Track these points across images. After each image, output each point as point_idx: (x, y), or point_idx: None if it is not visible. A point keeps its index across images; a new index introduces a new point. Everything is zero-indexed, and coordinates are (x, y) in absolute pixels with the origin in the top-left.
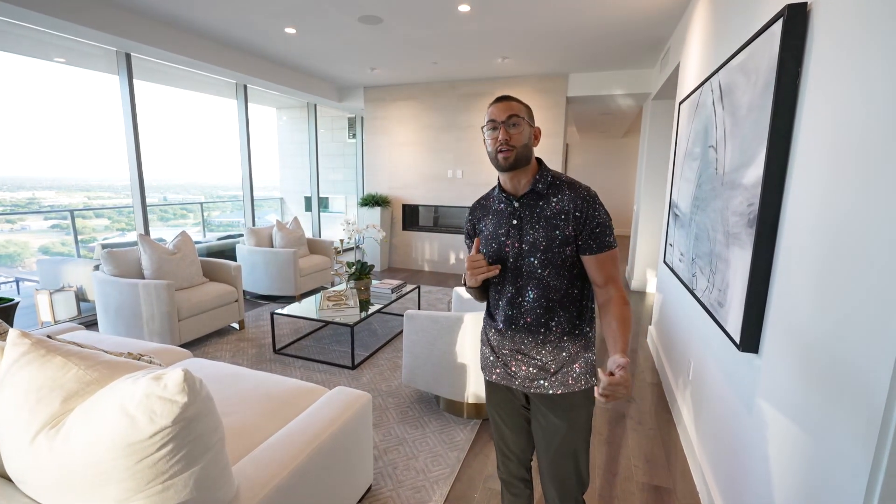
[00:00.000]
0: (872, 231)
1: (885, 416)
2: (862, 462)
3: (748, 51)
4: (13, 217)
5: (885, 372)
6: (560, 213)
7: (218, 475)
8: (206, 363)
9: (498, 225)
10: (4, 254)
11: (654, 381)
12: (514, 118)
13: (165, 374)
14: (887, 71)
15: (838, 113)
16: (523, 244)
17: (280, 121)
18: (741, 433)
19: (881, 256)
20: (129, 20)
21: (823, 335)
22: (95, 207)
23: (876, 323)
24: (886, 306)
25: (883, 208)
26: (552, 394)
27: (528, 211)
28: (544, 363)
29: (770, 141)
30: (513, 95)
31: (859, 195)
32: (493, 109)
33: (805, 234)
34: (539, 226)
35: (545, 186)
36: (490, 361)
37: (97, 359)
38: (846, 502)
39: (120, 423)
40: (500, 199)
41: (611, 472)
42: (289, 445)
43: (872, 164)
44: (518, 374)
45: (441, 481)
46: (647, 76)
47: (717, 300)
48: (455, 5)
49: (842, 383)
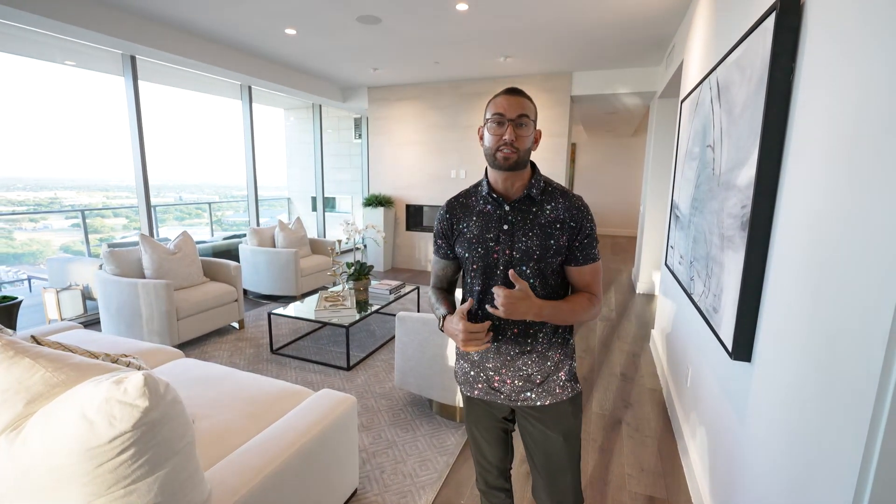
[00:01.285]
0: (867, 234)
1: (871, 430)
2: (849, 482)
3: (744, 46)
4: (36, 216)
5: (871, 387)
6: (555, 221)
7: (185, 480)
8: (194, 363)
9: (485, 228)
10: (28, 252)
11: (655, 386)
12: (524, 118)
13: (127, 378)
14: (884, 65)
15: (833, 110)
16: (514, 251)
17: (287, 121)
18: (735, 446)
19: (875, 261)
20: (135, 23)
21: (816, 345)
22: (104, 207)
23: (868, 335)
24: (880, 315)
25: (879, 212)
26: (540, 405)
27: (521, 216)
28: (529, 374)
29: (763, 139)
30: (523, 90)
31: (854, 196)
32: (502, 102)
33: (799, 237)
34: (533, 233)
35: (539, 192)
36: (471, 377)
37: (66, 361)
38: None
39: (79, 428)
40: (488, 201)
41: (603, 482)
42: (266, 449)
43: (868, 163)
44: (502, 390)
45: (428, 486)
46: (653, 74)
47: (712, 305)
48: (452, 4)
49: (833, 398)
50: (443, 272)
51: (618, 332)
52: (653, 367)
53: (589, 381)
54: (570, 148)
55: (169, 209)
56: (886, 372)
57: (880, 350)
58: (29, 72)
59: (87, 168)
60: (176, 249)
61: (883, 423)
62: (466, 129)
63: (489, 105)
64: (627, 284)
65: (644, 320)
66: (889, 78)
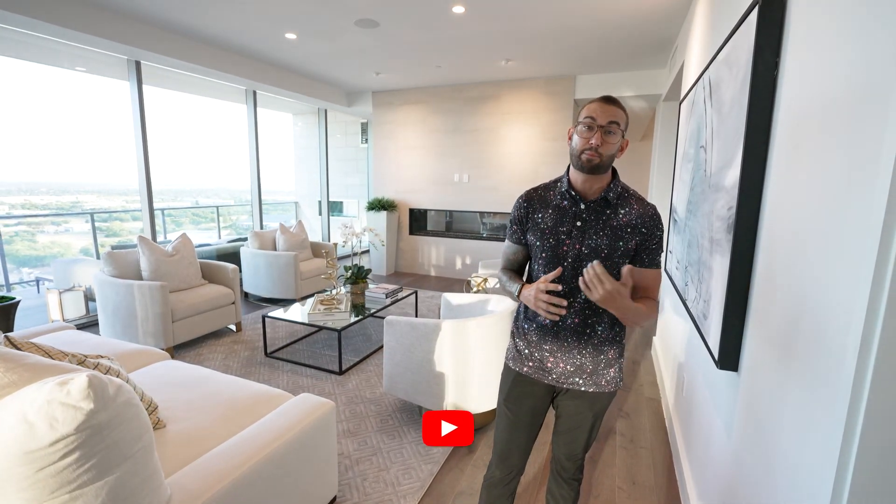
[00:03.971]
0: (849, 237)
1: (844, 445)
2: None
3: (732, 42)
4: (57, 219)
5: (843, 399)
6: (627, 225)
7: (139, 485)
8: (177, 365)
9: (559, 221)
10: (49, 254)
11: (654, 395)
12: (613, 125)
13: (71, 379)
14: (866, 58)
15: (817, 104)
16: (583, 247)
17: (295, 126)
18: (722, 461)
19: (855, 265)
20: (140, 29)
21: (795, 354)
22: (113, 210)
23: (841, 344)
24: (867, 324)
25: (864, 216)
26: (584, 391)
27: (595, 216)
28: (583, 364)
29: (747, 137)
30: (618, 100)
31: (838, 197)
32: (595, 107)
33: (783, 240)
34: (604, 233)
35: (615, 196)
36: (524, 354)
37: (22, 361)
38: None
39: (17, 430)
40: (566, 197)
41: (592, 495)
42: (234, 454)
43: (851, 162)
44: (554, 371)
45: (409, 496)
46: (658, 77)
47: (702, 312)
48: (449, 7)
49: (810, 411)
50: (514, 256)
51: None
52: (653, 376)
53: None
54: None
55: (185, 213)
56: (858, 382)
57: (852, 359)
58: (43, 78)
59: (106, 172)
60: (174, 251)
61: (857, 437)
62: (470, 133)
63: (583, 109)
64: (658, 299)
65: (646, 327)
66: (870, 72)
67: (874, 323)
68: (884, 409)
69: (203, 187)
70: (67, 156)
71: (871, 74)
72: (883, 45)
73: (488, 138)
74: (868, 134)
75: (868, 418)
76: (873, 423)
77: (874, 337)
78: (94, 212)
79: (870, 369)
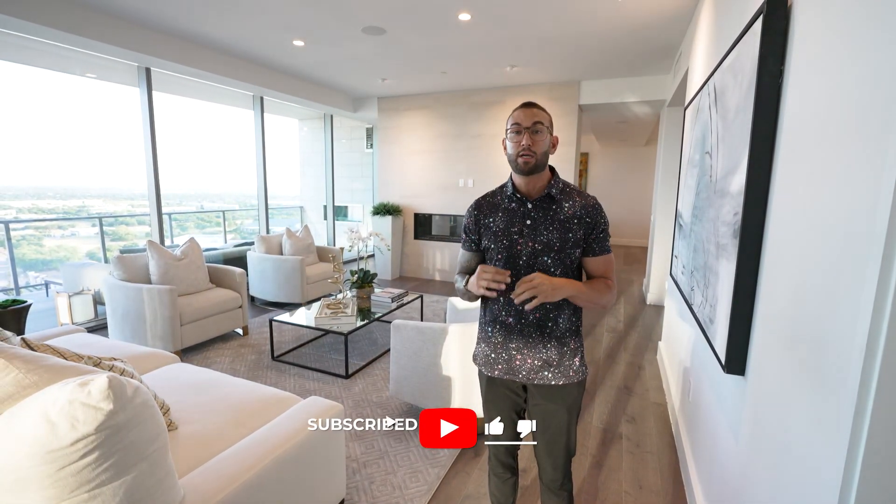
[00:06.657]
0: (854, 242)
1: (850, 449)
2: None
3: (737, 49)
4: (64, 223)
5: (849, 401)
6: (573, 217)
7: (154, 485)
8: (187, 368)
9: (510, 223)
10: (56, 258)
11: (660, 400)
12: (538, 125)
13: (92, 380)
14: (871, 68)
15: (821, 113)
16: (536, 244)
17: (301, 132)
18: (730, 467)
19: (860, 269)
20: (150, 37)
21: (809, 357)
22: (122, 214)
23: (848, 346)
24: (872, 328)
25: (868, 222)
26: (554, 384)
27: (542, 213)
28: (549, 357)
29: (752, 145)
30: (537, 103)
31: (842, 203)
32: (518, 114)
33: (790, 245)
34: (553, 227)
35: (558, 192)
36: (491, 359)
37: (41, 363)
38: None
39: (40, 430)
40: (513, 200)
41: (598, 500)
42: (245, 457)
43: (854, 169)
44: (522, 368)
45: (417, 499)
46: (662, 82)
47: (708, 316)
48: (455, 14)
49: (817, 415)
50: (468, 263)
51: (625, 344)
52: (659, 381)
53: (590, 393)
54: (582, 157)
55: (190, 217)
56: (864, 385)
57: (858, 363)
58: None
59: (112, 177)
60: (182, 256)
61: (863, 441)
62: (475, 138)
63: (508, 119)
64: (638, 295)
65: (652, 332)
66: (877, 80)
67: (879, 327)
68: (889, 413)
69: (208, 192)
70: (75, 160)
71: (876, 82)
72: (887, 53)
73: (493, 144)
74: (872, 140)
75: (874, 421)
76: (879, 427)
77: (879, 341)
78: (101, 216)
79: (875, 373)
